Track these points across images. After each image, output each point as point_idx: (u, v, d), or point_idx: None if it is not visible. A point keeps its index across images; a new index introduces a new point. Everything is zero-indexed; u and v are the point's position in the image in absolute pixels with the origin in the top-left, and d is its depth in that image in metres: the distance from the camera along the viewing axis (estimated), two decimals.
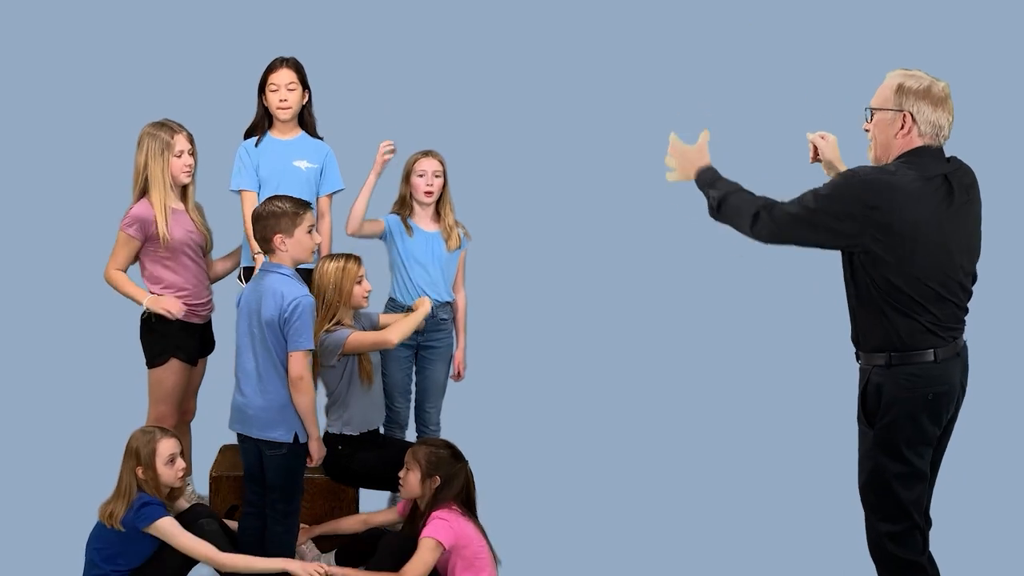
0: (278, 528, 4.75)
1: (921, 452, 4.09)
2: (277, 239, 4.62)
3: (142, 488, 4.63)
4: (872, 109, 4.15)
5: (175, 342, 5.17)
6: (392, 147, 5.28)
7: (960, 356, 4.12)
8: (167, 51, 7.42)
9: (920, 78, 4.09)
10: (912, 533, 4.13)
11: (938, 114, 4.07)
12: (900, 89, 4.08)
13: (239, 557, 4.64)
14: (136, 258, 5.15)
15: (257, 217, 4.66)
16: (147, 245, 5.10)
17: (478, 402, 6.12)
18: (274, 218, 4.61)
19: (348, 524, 5.13)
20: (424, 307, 5.22)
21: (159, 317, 5.12)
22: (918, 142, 4.08)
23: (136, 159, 5.10)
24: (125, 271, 5.14)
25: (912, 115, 4.06)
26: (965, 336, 4.16)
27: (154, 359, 5.17)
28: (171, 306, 5.09)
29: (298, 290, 4.61)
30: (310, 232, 4.67)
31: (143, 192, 5.09)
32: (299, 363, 4.60)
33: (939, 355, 4.03)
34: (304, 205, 4.67)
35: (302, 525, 4.96)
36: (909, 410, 4.04)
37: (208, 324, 5.35)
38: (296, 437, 4.67)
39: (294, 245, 4.63)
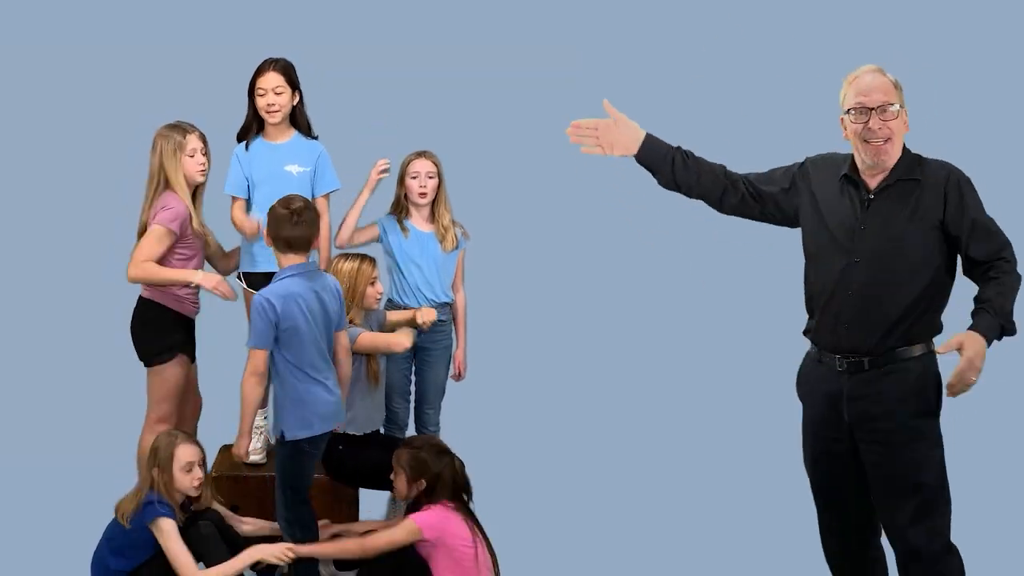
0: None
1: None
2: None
3: (157, 489, 4.68)
4: (888, 106, 4.04)
5: (180, 338, 5.15)
6: (387, 167, 5.33)
7: (823, 363, 4.32)
8: (172, 51, 7.44)
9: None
10: None
11: None
12: (896, 85, 4.06)
13: (211, 571, 4.64)
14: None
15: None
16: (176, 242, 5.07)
17: (478, 402, 6.12)
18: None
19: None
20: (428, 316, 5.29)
21: (158, 312, 5.10)
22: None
23: (151, 161, 5.11)
24: None
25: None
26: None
27: (158, 356, 5.10)
28: (226, 290, 5.09)
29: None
30: None
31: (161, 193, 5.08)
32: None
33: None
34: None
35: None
36: None
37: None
38: None
39: None
